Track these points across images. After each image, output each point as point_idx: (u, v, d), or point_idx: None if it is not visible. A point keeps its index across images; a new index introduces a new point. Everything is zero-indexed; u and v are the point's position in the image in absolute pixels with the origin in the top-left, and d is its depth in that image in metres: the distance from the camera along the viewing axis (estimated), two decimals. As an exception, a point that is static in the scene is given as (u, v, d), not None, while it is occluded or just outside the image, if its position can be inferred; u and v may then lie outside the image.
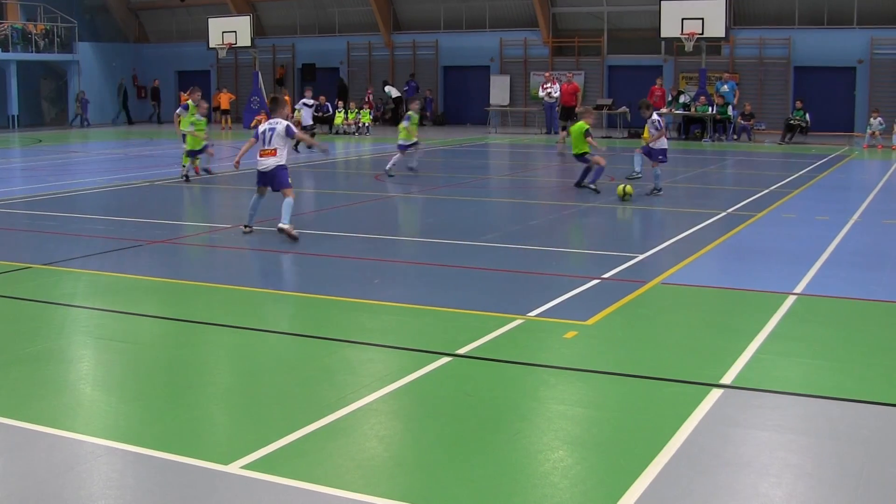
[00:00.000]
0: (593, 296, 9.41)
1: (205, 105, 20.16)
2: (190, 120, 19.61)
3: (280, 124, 12.68)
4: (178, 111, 20.32)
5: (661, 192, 17.19)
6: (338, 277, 10.61)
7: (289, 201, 12.49)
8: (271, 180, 12.79)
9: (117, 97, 44.76)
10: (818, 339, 7.94)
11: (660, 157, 17.48)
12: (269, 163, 12.65)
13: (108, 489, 5.02)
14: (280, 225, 12.36)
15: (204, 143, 19.86)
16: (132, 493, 4.99)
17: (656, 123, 17.64)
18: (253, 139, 12.98)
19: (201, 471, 5.20)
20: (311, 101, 30.80)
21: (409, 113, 20.85)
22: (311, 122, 30.47)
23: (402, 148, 20.54)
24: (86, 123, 42.02)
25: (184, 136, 19.80)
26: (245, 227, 13.03)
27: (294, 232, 12.36)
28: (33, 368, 7.10)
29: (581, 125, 17.67)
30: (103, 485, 5.09)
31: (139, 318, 8.76)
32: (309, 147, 14.13)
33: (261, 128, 12.88)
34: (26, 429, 5.81)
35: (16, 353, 7.53)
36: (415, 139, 20.68)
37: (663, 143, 17.63)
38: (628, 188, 16.20)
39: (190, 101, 19.85)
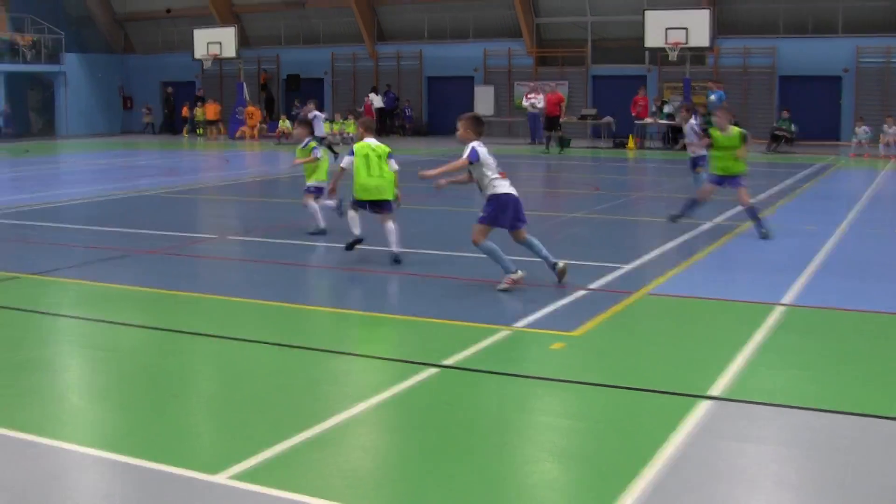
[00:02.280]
0: (580, 306, 9.41)
1: None
2: None
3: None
4: None
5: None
6: (323, 287, 10.60)
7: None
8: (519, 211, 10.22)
9: (163, 107, 44.93)
10: (806, 350, 7.95)
11: (700, 163, 17.00)
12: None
13: (95, 499, 5.01)
14: (513, 277, 10.02)
15: None
16: (119, 502, 4.96)
17: (694, 127, 17.25)
18: (465, 160, 10.44)
19: (188, 480, 5.18)
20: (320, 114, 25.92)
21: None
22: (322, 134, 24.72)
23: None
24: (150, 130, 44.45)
25: None
26: (515, 276, 10.02)
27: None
28: (19, 377, 7.08)
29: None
30: (90, 494, 5.07)
31: (125, 328, 8.73)
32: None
33: (483, 147, 10.45)
34: (12, 437, 5.79)
35: (2, 362, 7.50)
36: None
37: (702, 150, 17.04)
38: None
39: None
